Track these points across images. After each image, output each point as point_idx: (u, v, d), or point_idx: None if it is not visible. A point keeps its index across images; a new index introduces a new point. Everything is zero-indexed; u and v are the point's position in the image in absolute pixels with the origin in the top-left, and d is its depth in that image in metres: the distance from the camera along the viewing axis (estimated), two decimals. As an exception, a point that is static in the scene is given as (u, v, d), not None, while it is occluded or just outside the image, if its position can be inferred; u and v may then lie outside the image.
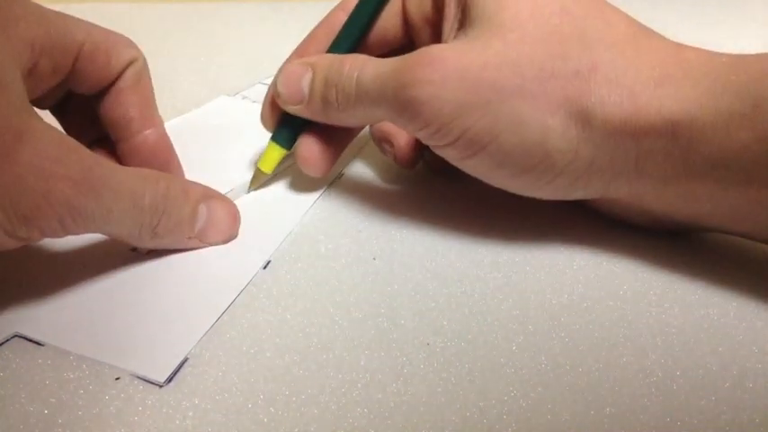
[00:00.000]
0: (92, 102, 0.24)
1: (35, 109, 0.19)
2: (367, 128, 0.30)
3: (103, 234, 0.20)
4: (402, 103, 0.21)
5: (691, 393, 0.17)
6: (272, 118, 0.26)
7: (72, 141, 0.19)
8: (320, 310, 0.20)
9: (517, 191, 0.23)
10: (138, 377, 0.17)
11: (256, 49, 0.51)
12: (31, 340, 0.19)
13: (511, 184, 0.22)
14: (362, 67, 0.22)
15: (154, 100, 0.25)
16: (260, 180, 0.27)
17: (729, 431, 0.16)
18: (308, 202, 0.27)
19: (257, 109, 0.27)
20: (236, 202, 0.26)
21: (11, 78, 0.18)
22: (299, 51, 0.27)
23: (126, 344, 0.19)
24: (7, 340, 0.19)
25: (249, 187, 0.27)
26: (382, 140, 0.27)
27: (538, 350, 0.19)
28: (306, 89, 0.24)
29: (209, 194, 0.23)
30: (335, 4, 0.27)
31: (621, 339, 0.19)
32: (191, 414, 0.16)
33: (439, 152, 0.22)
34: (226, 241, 0.24)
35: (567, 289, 0.21)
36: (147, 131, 0.24)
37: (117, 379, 0.17)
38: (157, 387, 0.17)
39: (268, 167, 0.26)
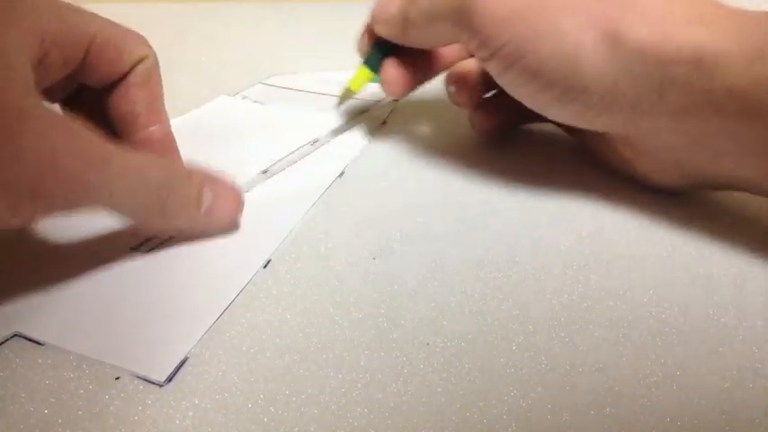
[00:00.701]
0: (101, 96, 0.24)
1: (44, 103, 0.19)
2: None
3: (112, 212, 0.20)
4: (460, 13, 0.24)
5: (691, 393, 0.17)
6: (365, 43, 0.30)
7: (76, 122, 0.19)
8: (320, 309, 0.20)
9: (546, 109, 0.25)
10: (138, 377, 0.17)
11: (256, 49, 0.51)
12: (30, 340, 0.19)
13: (541, 99, 0.24)
14: None
15: (162, 98, 0.25)
16: (347, 98, 0.32)
17: (729, 431, 0.16)
18: (309, 201, 0.27)
19: (257, 109, 0.27)
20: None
21: (18, 64, 0.18)
22: None
23: (126, 343, 0.19)
24: (7, 340, 0.19)
25: (337, 104, 0.32)
26: (452, 81, 0.30)
27: (538, 350, 0.19)
28: (394, 10, 0.27)
29: (212, 178, 0.23)
30: (335, 4, 0.28)
31: (621, 339, 0.19)
32: (191, 414, 0.16)
33: (486, 65, 0.25)
34: (231, 225, 0.24)
35: (567, 289, 0.21)
36: (153, 128, 0.25)
37: (117, 379, 0.17)
38: (157, 387, 0.17)
39: (356, 86, 0.30)
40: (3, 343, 0.19)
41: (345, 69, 0.43)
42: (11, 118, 0.17)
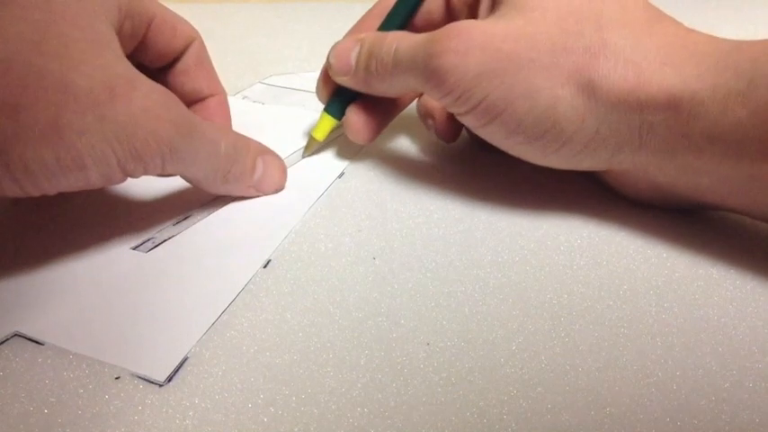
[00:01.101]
0: (155, 76, 0.25)
1: None
2: (407, 110, 0.32)
3: (185, 177, 0.23)
4: (430, 71, 0.23)
5: (691, 393, 0.17)
6: (325, 90, 0.29)
7: (169, 92, 0.21)
8: (320, 309, 0.20)
9: (530, 158, 0.24)
10: (138, 376, 0.17)
11: (256, 49, 0.51)
12: (30, 339, 0.19)
13: (525, 150, 0.24)
14: (400, 40, 0.25)
15: (215, 71, 0.28)
16: (313, 147, 0.30)
17: (729, 431, 0.16)
18: (309, 201, 0.27)
19: (257, 109, 0.27)
20: (234, 202, 0.26)
21: (111, 37, 0.21)
22: (354, 30, 0.30)
23: (126, 343, 0.19)
24: (7, 339, 0.19)
25: (303, 154, 0.31)
26: (426, 116, 0.30)
27: (538, 350, 0.19)
28: (353, 61, 0.27)
29: (264, 150, 0.26)
30: (334, 5, 0.28)
31: (621, 339, 0.19)
32: (191, 413, 0.16)
33: (461, 120, 0.24)
34: (277, 191, 0.27)
35: (567, 289, 0.21)
36: (212, 99, 0.28)
37: (117, 378, 0.17)
38: (157, 386, 0.17)
39: (321, 135, 0.30)
40: (2, 342, 0.19)
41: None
42: (123, 87, 0.19)
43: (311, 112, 0.35)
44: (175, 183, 0.27)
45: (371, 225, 0.25)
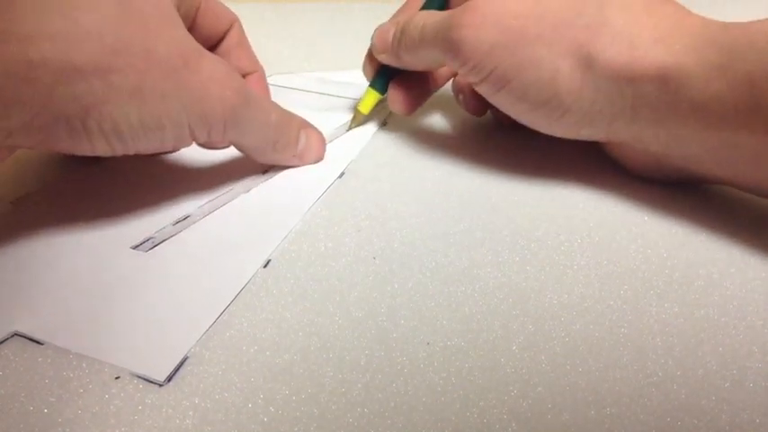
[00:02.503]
0: None
1: None
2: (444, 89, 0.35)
3: (239, 146, 0.26)
4: (448, 43, 0.26)
5: (691, 393, 0.17)
6: (370, 68, 0.33)
7: (228, 64, 0.24)
8: (320, 309, 0.20)
9: (538, 126, 0.27)
10: (138, 376, 0.17)
11: (256, 49, 0.51)
12: (30, 339, 0.19)
13: (532, 117, 0.26)
14: (426, 18, 0.28)
15: (253, 52, 0.31)
16: (358, 121, 0.33)
17: (729, 431, 0.16)
18: (309, 201, 0.27)
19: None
20: (235, 200, 0.26)
21: (176, 14, 0.23)
22: (396, 15, 0.33)
23: (126, 343, 0.19)
24: (7, 339, 0.19)
25: (349, 126, 0.33)
26: (458, 92, 0.33)
27: (538, 350, 0.19)
28: (390, 39, 0.30)
29: (305, 123, 0.29)
30: (335, 4, 0.28)
31: (621, 339, 0.19)
32: (191, 413, 0.16)
33: (477, 89, 0.27)
34: (317, 161, 0.29)
35: (567, 289, 0.21)
36: (253, 76, 0.31)
37: (117, 378, 0.17)
38: (157, 386, 0.17)
39: (366, 109, 0.33)
40: (2, 342, 0.18)
41: (345, 69, 0.43)
42: (194, 57, 0.22)
43: (312, 112, 0.35)
44: (175, 182, 0.27)
45: (371, 225, 0.25)
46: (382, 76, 0.32)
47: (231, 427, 0.16)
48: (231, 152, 0.30)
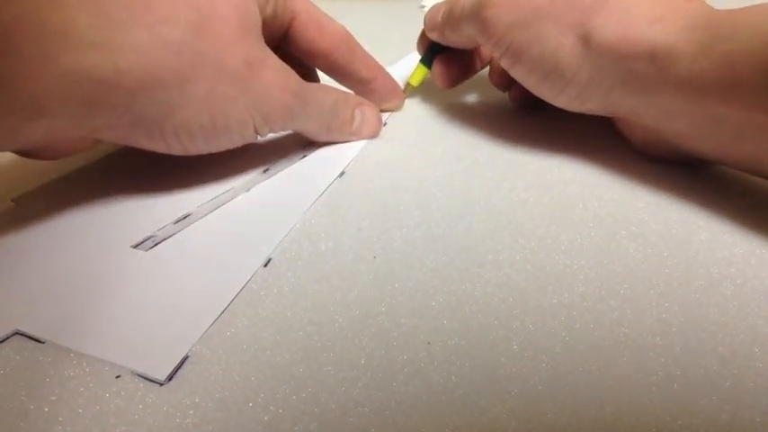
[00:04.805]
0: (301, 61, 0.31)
1: None
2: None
3: (299, 131, 0.29)
4: (478, 20, 0.29)
5: (691, 393, 0.17)
6: (421, 46, 0.36)
7: (289, 68, 0.26)
8: (320, 308, 0.20)
9: (546, 97, 0.29)
10: (139, 375, 0.17)
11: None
12: (31, 338, 0.19)
13: (541, 88, 0.29)
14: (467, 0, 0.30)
15: (371, 58, 0.33)
16: (409, 91, 0.37)
17: (729, 431, 0.16)
18: (309, 201, 0.27)
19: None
20: (235, 199, 0.26)
21: (256, 18, 0.25)
22: None
23: (126, 342, 0.19)
24: (8, 338, 0.19)
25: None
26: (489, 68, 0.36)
27: (538, 350, 0.19)
28: (439, 19, 0.33)
29: (361, 101, 0.32)
30: (335, 4, 0.29)
31: (621, 339, 0.19)
32: (191, 412, 0.16)
33: (501, 63, 0.30)
34: (374, 136, 0.32)
35: (567, 288, 0.21)
36: (376, 82, 0.33)
37: (117, 377, 0.17)
38: (158, 385, 0.17)
39: (416, 81, 0.37)
40: (3, 341, 0.19)
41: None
42: (258, 64, 0.24)
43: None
44: (176, 181, 0.27)
45: (371, 224, 0.25)
46: (430, 52, 0.36)
47: (232, 426, 0.16)
48: (232, 151, 0.30)
